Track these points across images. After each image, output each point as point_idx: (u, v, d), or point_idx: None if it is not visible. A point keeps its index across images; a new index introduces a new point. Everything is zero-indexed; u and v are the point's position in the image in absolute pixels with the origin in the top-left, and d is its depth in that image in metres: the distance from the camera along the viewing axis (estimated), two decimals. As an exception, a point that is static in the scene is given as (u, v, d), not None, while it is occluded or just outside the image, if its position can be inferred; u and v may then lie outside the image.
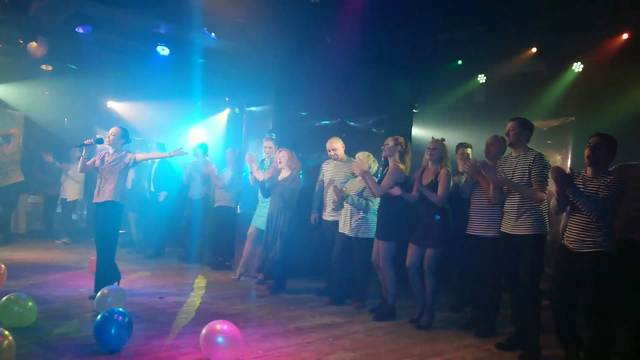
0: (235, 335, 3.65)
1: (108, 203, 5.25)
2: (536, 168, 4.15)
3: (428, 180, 4.85)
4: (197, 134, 10.94)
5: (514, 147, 4.35)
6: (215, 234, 7.75)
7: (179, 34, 7.75)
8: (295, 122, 8.21)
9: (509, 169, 4.33)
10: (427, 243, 4.79)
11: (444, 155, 4.87)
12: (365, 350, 4.15)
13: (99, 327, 3.65)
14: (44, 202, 10.21)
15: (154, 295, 5.59)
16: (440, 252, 4.79)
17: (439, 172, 4.80)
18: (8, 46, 8.79)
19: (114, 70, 9.75)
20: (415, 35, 7.28)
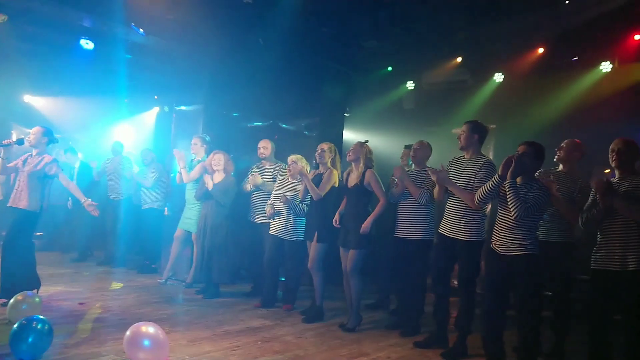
0: (162, 338, 3.55)
1: (21, 211, 4.94)
2: (482, 173, 4.18)
3: (352, 183, 4.93)
4: (123, 132, 10.53)
5: (465, 150, 4.38)
6: (141, 236, 7.51)
7: (105, 28, 7.44)
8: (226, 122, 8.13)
9: (457, 170, 4.38)
10: (350, 245, 4.87)
11: (362, 156, 4.91)
12: (294, 352, 4.16)
13: (15, 335, 3.43)
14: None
15: (74, 301, 5.32)
16: (363, 253, 4.86)
17: (363, 174, 4.87)
18: None
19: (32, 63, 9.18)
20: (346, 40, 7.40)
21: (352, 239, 4.84)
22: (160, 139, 9.77)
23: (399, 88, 8.78)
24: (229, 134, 7.60)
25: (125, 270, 7.36)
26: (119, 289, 6.20)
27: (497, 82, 7.83)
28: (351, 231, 4.86)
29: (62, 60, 8.74)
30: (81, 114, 10.63)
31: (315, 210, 5.27)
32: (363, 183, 4.85)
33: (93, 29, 7.57)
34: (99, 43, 7.86)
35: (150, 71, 8.96)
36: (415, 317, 4.89)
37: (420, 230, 4.79)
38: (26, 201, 4.95)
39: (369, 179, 4.85)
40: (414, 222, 4.81)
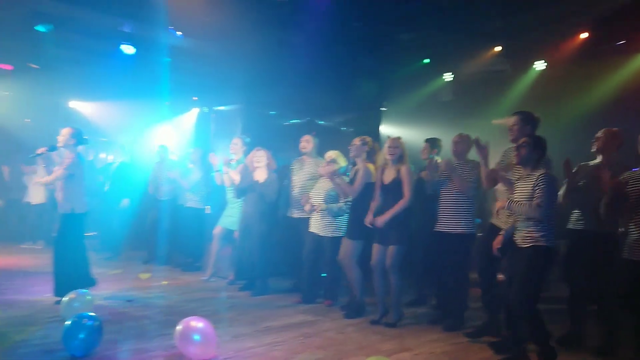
0: (210, 333, 3.67)
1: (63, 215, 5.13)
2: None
3: (390, 179, 4.89)
4: (165, 134, 10.79)
5: (516, 142, 4.13)
6: (185, 235, 7.67)
7: (144, 33, 7.64)
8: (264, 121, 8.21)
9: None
10: (390, 241, 4.84)
11: (404, 153, 4.91)
12: (336, 347, 4.17)
13: (67, 332, 3.58)
14: (5, 206, 9.92)
15: (122, 299, 5.50)
16: (403, 249, 4.84)
17: (399, 170, 4.85)
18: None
19: (76, 70, 9.53)
20: (380, 34, 7.35)
21: (392, 236, 4.81)
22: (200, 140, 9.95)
23: (436, 80, 8.66)
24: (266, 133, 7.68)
25: (169, 269, 7.54)
26: (164, 287, 6.36)
27: (537, 70, 7.61)
28: (391, 228, 4.82)
29: (105, 66, 9.02)
30: (124, 117, 10.97)
31: (356, 207, 5.23)
32: (399, 178, 4.82)
33: (133, 34, 7.78)
34: (139, 47, 8.07)
35: (189, 73, 9.14)
36: (459, 311, 4.84)
37: (463, 224, 4.72)
38: (65, 202, 5.13)
39: (403, 173, 4.81)
40: (457, 215, 4.74)
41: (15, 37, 7.93)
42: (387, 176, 4.92)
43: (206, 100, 10.24)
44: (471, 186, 4.72)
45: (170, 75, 8.93)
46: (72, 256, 5.16)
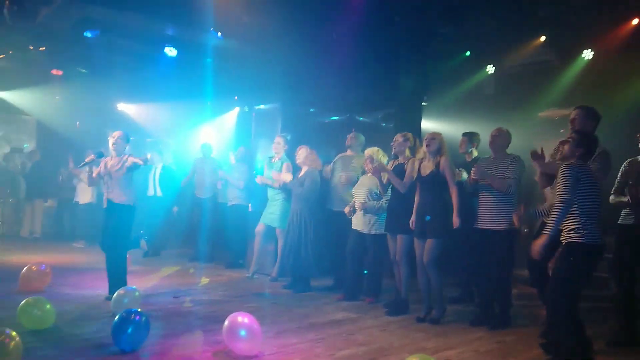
0: (256, 329, 3.75)
1: (117, 206, 5.32)
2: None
3: (427, 171, 4.84)
4: (207, 134, 11.00)
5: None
6: (228, 232, 7.80)
7: (186, 35, 7.82)
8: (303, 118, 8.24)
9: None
10: (428, 234, 4.79)
11: (442, 146, 4.85)
12: (379, 344, 4.16)
13: (116, 327, 3.71)
14: (57, 206, 10.36)
15: (169, 295, 5.65)
16: (441, 243, 4.77)
17: (438, 162, 4.79)
18: (18, 53, 8.92)
19: (123, 73, 9.85)
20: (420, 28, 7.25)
21: (430, 229, 4.76)
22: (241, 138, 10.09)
23: (478, 73, 8.47)
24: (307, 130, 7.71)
25: (213, 266, 7.70)
26: (208, 283, 6.49)
27: (585, 60, 7.31)
28: (428, 221, 4.77)
29: (149, 69, 9.28)
30: (169, 118, 11.25)
31: (398, 202, 5.21)
32: (439, 170, 4.76)
33: (175, 37, 7.96)
34: (181, 50, 8.25)
35: (230, 73, 9.28)
36: (504, 310, 4.74)
37: (505, 220, 4.61)
38: (121, 196, 5.33)
39: (443, 165, 4.75)
40: (498, 211, 4.63)
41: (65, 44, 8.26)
42: (425, 169, 4.88)
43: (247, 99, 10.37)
44: (510, 183, 4.58)
45: (212, 76, 9.10)
46: (123, 251, 5.37)
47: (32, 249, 8.65)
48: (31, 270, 5.60)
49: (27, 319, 4.11)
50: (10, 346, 3.10)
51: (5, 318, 4.35)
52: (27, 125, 11.95)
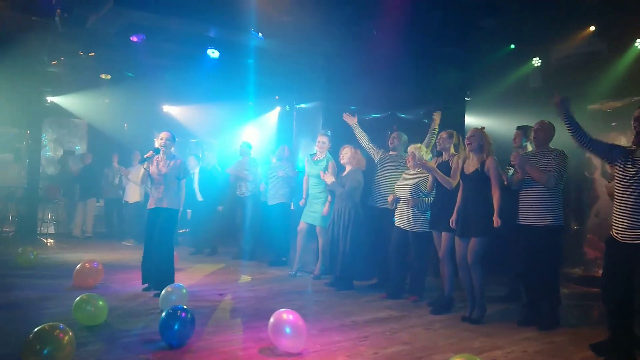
0: (301, 326, 3.78)
1: (163, 210, 5.47)
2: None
3: (472, 169, 4.74)
4: (250, 133, 11.15)
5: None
6: (271, 230, 7.88)
7: (228, 36, 7.92)
8: (344, 116, 8.19)
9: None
10: (471, 233, 4.69)
11: (484, 143, 4.73)
12: (423, 343, 4.11)
13: (163, 323, 3.81)
14: (106, 206, 10.74)
15: (214, 293, 5.76)
16: (485, 242, 4.66)
17: (483, 161, 4.69)
18: (69, 59, 9.28)
19: (167, 76, 10.10)
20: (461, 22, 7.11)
21: (473, 227, 4.66)
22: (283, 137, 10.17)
23: (523, 66, 8.22)
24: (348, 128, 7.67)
25: (257, 264, 7.80)
26: (252, 281, 6.58)
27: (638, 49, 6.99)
28: (471, 219, 4.68)
29: (192, 71, 9.47)
30: (212, 119, 11.48)
31: (443, 200, 5.14)
32: (483, 169, 4.65)
33: (217, 39, 8.09)
34: (223, 51, 8.38)
35: (271, 73, 9.37)
36: (552, 309, 4.59)
37: (548, 216, 4.48)
38: (169, 201, 5.47)
39: (489, 165, 4.64)
40: (541, 207, 4.51)
41: (112, 49, 8.53)
42: (469, 166, 4.79)
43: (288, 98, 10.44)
44: (551, 176, 4.45)
45: (253, 76, 9.21)
46: (169, 251, 5.52)
47: (84, 247, 9.00)
48: (84, 267, 5.82)
49: (82, 315, 4.27)
50: (64, 341, 3.22)
51: (61, 313, 4.54)
52: (79, 128, 12.43)
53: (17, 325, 4.24)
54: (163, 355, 3.67)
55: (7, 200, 11.21)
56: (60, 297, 5.22)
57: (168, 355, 3.67)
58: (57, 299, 5.16)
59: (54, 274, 6.52)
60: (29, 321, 4.13)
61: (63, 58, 9.28)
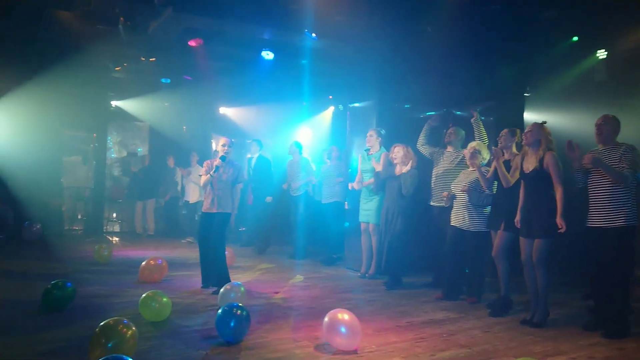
0: (356, 325, 3.79)
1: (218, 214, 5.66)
2: None
3: (531, 167, 4.57)
4: (304, 133, 11.25)
5: None
6: (324, 229, 7.91)
7: (282, 38, 8.03)
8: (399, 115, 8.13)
9: None
10: (535, 234, 4.52)
11: (542, 137, 4.54)
12: (482, 346, 4.01)
13: (220, 320, 3.91)
14: (166, 205, 11.13)
15: (269, 291, 5.84)
16: (550, 242, 4.49)
17: (542, 158, 4.51)
18: (131, 64, 9.69)
19: (224, 78, 10.35)
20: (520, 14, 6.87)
21: (537, 228, 4.50)
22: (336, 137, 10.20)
23: (587, 59, 7.85)
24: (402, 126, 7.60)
25: (311, 262, 7.85)
26: (306, 280, 6.62)
27: None
28: (535, 219, 4.51)
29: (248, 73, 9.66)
30: (268, 120, 11.66)
31: (503, 198, 5.00)
32: (542, 166, 4.48)
33: (272, 41, 8.22)
34: (277, 53, 8.50)
35: (324, 73, 9.42)
36: (621, 315, 4.35)
37: (621, 216, 4.24)
38: (224, 205, 5.68)
39: (548, 162, 4.46)
40: (613, 207, 4.27)
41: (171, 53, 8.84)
42: (528, 165, 4.62)
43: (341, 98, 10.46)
44: (627, 174, 4.20)
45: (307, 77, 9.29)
46: (223, 252, 5.73)
47: (146, 245, 9.36)
48: (150, 264, 6.07)
49: (147, 311, 4.44)
50: (128, 335, 3.37)
51: (128, 308, 4.75)
52: (141, 130, 12.97)
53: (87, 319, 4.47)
54: (221, 351, 3.76)
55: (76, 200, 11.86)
56: (127, 293, 5.44)
57: (225, 351, 3.75)
58: (124, 295, 5.38)
59: (120, 269, 6.84)
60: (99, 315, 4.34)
61: (126, 64, 9.71)
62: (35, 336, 3.96)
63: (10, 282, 5.94)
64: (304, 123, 11.42)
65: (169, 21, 7.09)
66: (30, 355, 3.57)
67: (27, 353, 3.60)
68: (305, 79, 9.40)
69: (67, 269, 6.68)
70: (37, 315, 4.52)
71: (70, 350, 3.69)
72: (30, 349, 3.66)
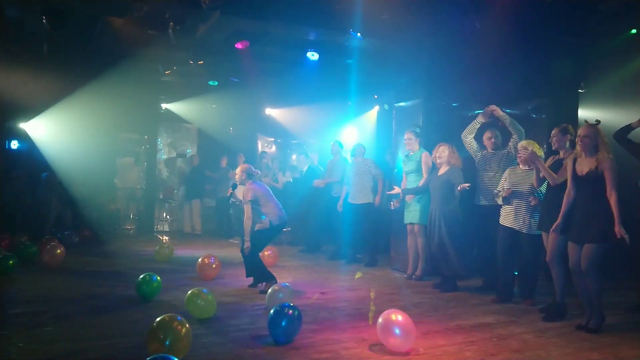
0: (411, 327, 3.78)
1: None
2: None
3: (585, 170, 4.36)
4: (350, 133, 11.22)
5: None
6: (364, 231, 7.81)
7: (327, 38, 8.03)
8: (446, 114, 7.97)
9: None
10: (586, 239, 4.33)
11: (599, 141, 4.34)
12: (535, 352, 3.88)
13: (272, 320, 3.93)
14: (216, 205, 11.34)
15: (315, 291, 5.84)
16: (602, 248, 4.28)
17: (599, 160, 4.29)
18: (180, 67, 9.93)
19: (269, 79, 10.45)
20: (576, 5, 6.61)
21: (590, 233, 4.29)
22: (382, 136, 10.11)
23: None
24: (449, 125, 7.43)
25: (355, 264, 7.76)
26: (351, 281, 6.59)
27: None
28: (588, 224, 4.31)
29: (293, 74, 9.71)
30: (313, 120, 11.71)
31: (553, 199, 4.83)
32: (598, 170, 4.28)
33: (317, 41, 8.23)
34: (322, 53, 8.51)
35: (370, 72, 9.35)
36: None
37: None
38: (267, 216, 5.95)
39: (605, 165, 4.25)
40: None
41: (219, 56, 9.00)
42: (582, 167, 4.41)
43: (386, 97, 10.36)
44: None
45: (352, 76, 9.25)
46: (256, 256, 5.93)
47: (194, 244, 9.56)
48: (204, 262, 6.32)
49: (194, 308, 4.54)
50: (182, 332, 3.44)
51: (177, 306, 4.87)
52: (190, 132, 13.28)
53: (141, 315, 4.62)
54: (269, 350, 3.79)
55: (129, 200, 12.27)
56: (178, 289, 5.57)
57: (274, 351, 3.78)
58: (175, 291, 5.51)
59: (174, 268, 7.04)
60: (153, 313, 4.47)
61: (175, 67, 9.95)
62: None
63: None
64: (349, 123, 11.39)
65: (216, 24, 7.21)
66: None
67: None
68: (351, 79, 9.36)
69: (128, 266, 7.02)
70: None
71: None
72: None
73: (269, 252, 7.01)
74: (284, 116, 12.50)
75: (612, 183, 4.24)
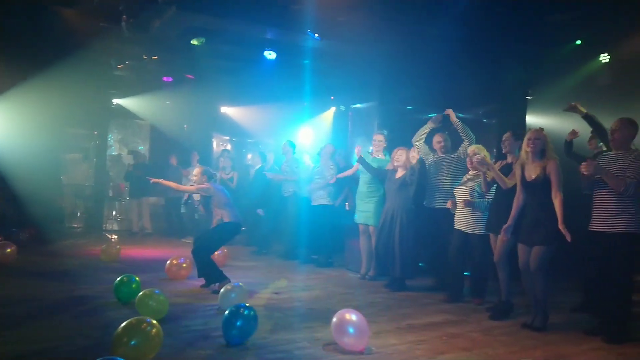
0: (364, 326, 3.82)
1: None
2: None
3: (533, 175, 4.53)
4: (305, 134, 11.23)
5: None
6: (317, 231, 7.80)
7: (284, 38, 8.01)
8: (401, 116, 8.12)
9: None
10: (535, 241, 4.50)
11: (546, 146, 4.52)
12: (483, 350, 3.99)
13: (227, 321, 3.86)
14: (165, 203, 11.08)
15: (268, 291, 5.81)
16: (551, 250, 4.45)
17: (545, 166, 4.47)
18: (133, 62, 9.66)
19: (225, 77, 10.32)
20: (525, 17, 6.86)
21: (539, 235, 4.46)
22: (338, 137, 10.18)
23: (590, 63, 7.84)
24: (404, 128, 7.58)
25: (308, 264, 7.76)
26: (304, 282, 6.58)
27: None
28: (537, 227, 4.48)
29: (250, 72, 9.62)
30: (269, 120, 11.64)
31: (501, 202, 4.99)
32: (546, 174, 4.45)
33: (274, 40, 8.20)
34: (279, 52, 8.48)
35: (326, 74, 9.41)
36: (622, 320, 4.31)
37: (622, 222, 4.18)
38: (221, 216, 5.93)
39: (551, 169, 4.42)
40: (615, 212, 4.21)
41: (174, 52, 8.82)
42: (530, 173, 4.57)
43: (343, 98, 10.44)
44: (629, 183, 4.09)
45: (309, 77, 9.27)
46: (207, 256, 5.83)
47: (145, 244, 9.32)
48: (172, 264, 6.25)
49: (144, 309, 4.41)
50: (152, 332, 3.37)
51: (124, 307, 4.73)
52: (142, 129, 12.94)
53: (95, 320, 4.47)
54: (223, 351, 3.74)
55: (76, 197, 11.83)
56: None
57: (228, 352, 3.73)
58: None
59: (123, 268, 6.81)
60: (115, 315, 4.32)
61: (128, 62, 9.68)
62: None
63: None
64: (306, 123, 11.40)
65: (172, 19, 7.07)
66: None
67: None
68: (307, 79, 9.38)
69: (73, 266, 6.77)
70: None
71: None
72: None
73: (218, 251, 6.89)
74: (240, 115, 12.38)
75: (557, 186, 4.40)
